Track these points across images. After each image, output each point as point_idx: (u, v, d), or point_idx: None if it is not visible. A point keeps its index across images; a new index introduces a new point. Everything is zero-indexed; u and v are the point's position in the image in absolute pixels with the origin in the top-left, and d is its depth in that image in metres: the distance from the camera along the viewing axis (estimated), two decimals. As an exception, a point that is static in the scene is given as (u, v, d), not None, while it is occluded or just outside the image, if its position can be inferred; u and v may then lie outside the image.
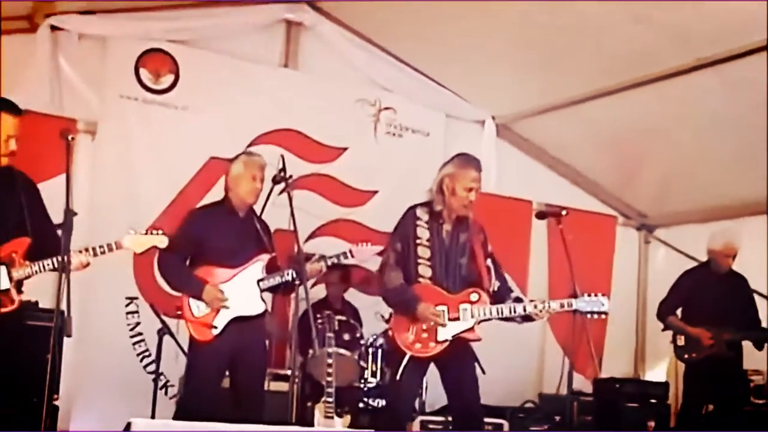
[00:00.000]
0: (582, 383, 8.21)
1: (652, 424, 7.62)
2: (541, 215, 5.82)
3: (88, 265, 4.67)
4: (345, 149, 8.01)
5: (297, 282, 5.33)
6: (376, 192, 8.13)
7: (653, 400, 7.73)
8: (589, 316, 5.16)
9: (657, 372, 8.96)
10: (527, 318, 5.23)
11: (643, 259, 9.62)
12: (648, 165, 8.52)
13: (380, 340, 6.97)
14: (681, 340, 7.16)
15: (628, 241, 9.56)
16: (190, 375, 5.41)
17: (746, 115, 7.07)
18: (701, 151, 7.88)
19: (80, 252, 4.62)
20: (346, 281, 7.60)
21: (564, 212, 5.44)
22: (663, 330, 7.34)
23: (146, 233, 4.88)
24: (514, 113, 8.54)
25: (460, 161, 5.33)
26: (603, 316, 5.19)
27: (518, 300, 5.30)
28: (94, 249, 4.68)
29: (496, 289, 5.33)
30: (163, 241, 4.90)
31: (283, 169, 5.44)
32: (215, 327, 5.31)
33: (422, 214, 5.32)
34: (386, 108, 8.26)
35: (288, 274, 5.40)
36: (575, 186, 9.20)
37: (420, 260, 5.23)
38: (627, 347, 9.41)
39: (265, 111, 7.64)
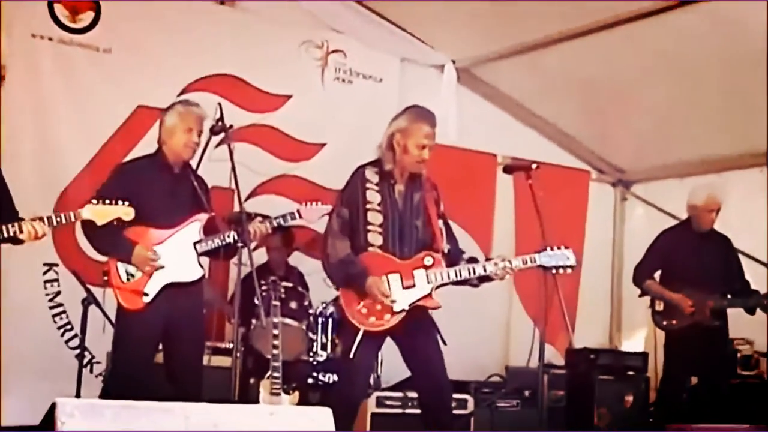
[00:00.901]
0: (552, 355, 8.32)
1: (630, 398, 7.74)
2: (508, 169, 5.82)
3: (43, 236, 4.74)
4: (289, 97, 7.97)
5: (239, 245, 5.29)
6: (323, 145, 8.11)
7: (631, 373, 7.85)
8: (554, 271, 5.19)
9: (635, 342, 9.11)
10: (485, 278, 5.25)
11: (619, 217, 9.78)
12: (623, 116, 8.59)
13: (330, 309, 7.02)
14: (660, 306, 7.22)
15: (603, 199, 9.69)
16: (118, 348, 5.37)
17: (732, 60, 7.13)
18: (681, 100, 7.97)
19: (34, 221, 4.63)
20: (290, 244, 7.58)
21: (534, 166, 5.46)
22: (640, 296, 7.43)
23: (111, 203, 4.91)
24: (476, 57, 8.52)
25: (412, 115, 5.32)
26: (569, 271, 5.23)
27: (473, 260, 5.32)
28: (49, 218, 4.71)
29: (446, 251, 5.34)
30: (129, 213, 4.94)
31: (221, 119, 5.40)
32: (146, 294, 5.28)
33: (371, 175, 5.30)
34: (335, 51, 8.22)
35: (228, 236, 5.37)
36: (544, 138, 9.27)
37: (370, 227, 5.22)
38: (601, 315, 9.57)
39: (199, 54, 7.55)
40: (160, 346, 5.45)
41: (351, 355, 5.12)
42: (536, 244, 5.31)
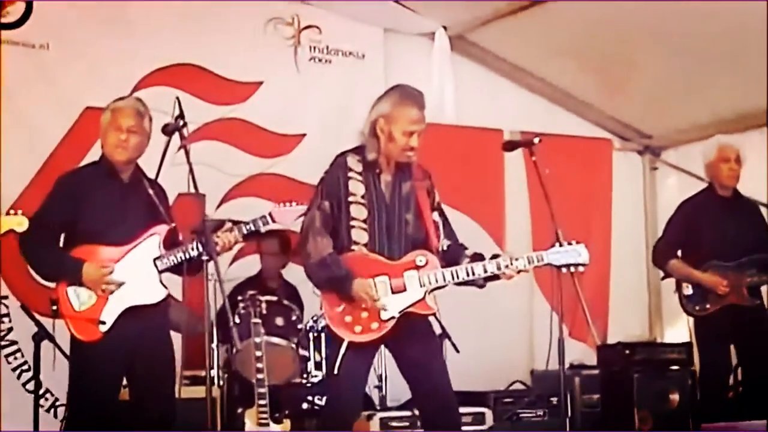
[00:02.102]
0: (583, 353, 8.27)
1: (675, 397, 7.67)
2: (508, 146, 5.81)
3: None
4: (258, 84, 7.97)
5: (205, 258, 5.23)
6: (303, 136, 8.11)
7: (675, 367, 7.78)
8: (564, 270, 5.18)
9: (679, 331, 8.99)
10: (492, 277, 5.20)
11: (649, 190, 9.73)
12: (642, 74, 8.52)
13: (323, 322, 6.90)
14: (687, 289, 7.12)
15: (630, 170, 9.66)
16: (75, 387, 5.31)
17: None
18: (712, 46, 7.84)
19: None
20: (287, 250, 7.56)
21: (537, 140, 5.42)
22: (663, 278, 7.37)
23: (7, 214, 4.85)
24: (470, 20, 8.50)
25: (396, 97, 5.24)
26: (581, 269, 5.22)
27: (478, 257, 5.26)
28: None
29: (445, 248, 5.30)
30: (21, 224, 4.85)
31: (181, 116, 5.37)
32: (103, 322, 5.22)
33: (354, 164, 5.25)
34: (307, 27, 8.20)
35: (192, 249, 5.33)
36: (557, 106, 9.26)
37: (354, 222, 5.18)
38: (638, 303, 9.54)
39: (152, 43, 7.54)
40: (124, 381, 5.40)
41: (335, 370, 5.08)
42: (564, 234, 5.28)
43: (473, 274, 5.15)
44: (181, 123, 5.29)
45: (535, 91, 9.12)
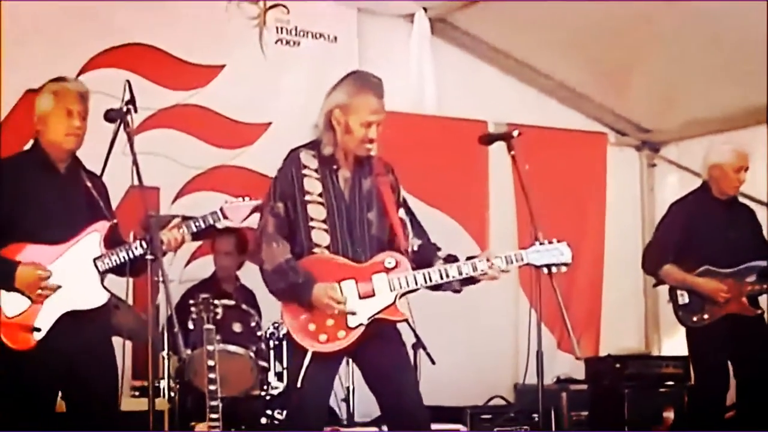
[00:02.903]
0: (573, 366, 8.26)
1: (669, 414, 7.66)
2: (486, 139, 5.78)
3: None
4: (220, 68, 7.98)
5: (150, 258, 5.17)
6: (268, 125, 8.14)
7: (670, 383, 7.77)
8: (545, 270, 5.16)
9: (678, 342, 8.99)
10: (468, 281, 5.19)
11: (647, 189, 9.79)
12: (639, 63, 8.57)
13: (284, 329, 6.85)
14: (683, 297, 7.11)
15: (626, 167, 9.72)
16: (5, 399, 5.24)
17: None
18: (719, 36, 7.87)
19: None
20: (245, 250, 7.57)
21: (516, 132, 5.38)
22: (655, 285, 7.40)
23: None
24: (453, 2, 8.51)
25: (352, 85, 5.24)
26: (563, 269, 5.19)
27: (452, 258, 5.25)
28: None
29: (416, 248, 5.30)
30: None
31: (131, 101, 5.33)
32: (38, 329, 5.16)
33: (308, 160, 5.25)
34: (274, 6, 8.23)
35: (136, 248, 5.28)
36: (547, 96, 9.31)
37: (313, 223, 5.17)
38: (633, 312, 9.58)
39: (100, 20, 7.51)
40: (60, 394, 5.36)
41: (299, 384, 5.06)
42: (544, 233, 5.26)
43: (447, 276, 5.14)
44: (125, 109, 5.25)
45: (524, 80, 9.17)
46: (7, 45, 7.18)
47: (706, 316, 7.01)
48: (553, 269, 5.18)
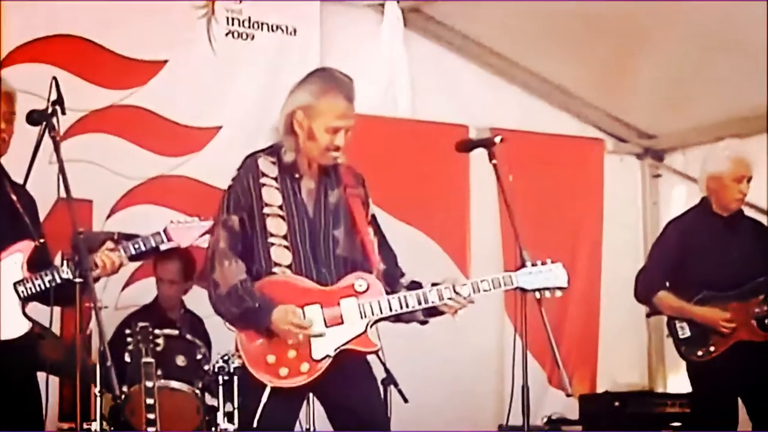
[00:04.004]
0: (566, 405, 8.26)
1: (676, 460, 7.70)
2: (464, 146, 5.81)
3: None
4: (162, 64, 7.98)
5: (79, 282, 5.16)
6: (218, 129, 8.14)
7: (675, 423, 7.78)
8: (538, 295, 5.16)
9: (684, 378, 9.00)
10: (433, 313, 5.21)
11: (650, 202, 9.81)
12: (643, 56, 8.58)
13: (236, 362, 6.86)
14: (684, 330, 7.09)
15: (626, 177, 9.75)
16: None
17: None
18: (733, 29, 7.89)
19: None
20: (191, 275, 7.60)
21: (498, 139, 5.41)
22: (648, 316, 7.45)
23: None
24: (429, -12, 8.56)
25: (318, 84, 5.22)
26: (558, 294, 5.20)
27: (414, 286, 5.26)
28: None
29: (381, 269, 5.29)
30: None
31: (58, 101, 5.32)
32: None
33: (268, 167, 5.24)
34: (225, -7, 8.22)
35: (64, 271, 5.25)
36: (535, 97, 9.34)
37: (273, 239, 5.16)
38: (635, 342, 9.60)
39: (24, 9, 7.47)
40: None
41: (254, 424, 5.04)
42: (533, 254, 5.26)
43: (406, 306, 5.13)
44: (51, 110, 5.24)
45: (509, 79, 9.20)
46: None
47: (711, 349, 6.97)
48: (547, 294, 5.19)
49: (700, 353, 7.03)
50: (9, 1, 7.34)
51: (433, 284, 5.21)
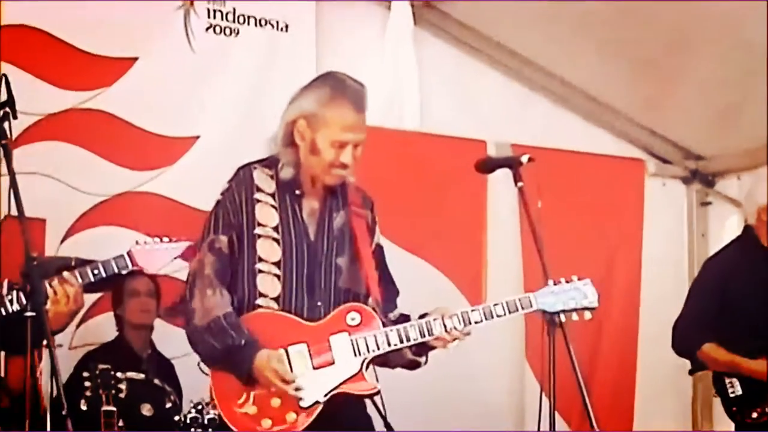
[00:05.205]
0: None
1: None
2: (486, 166, 5.79)
3: None
4: (131, 61, 7.98)
5: (29, 315, 5.08)
6: (195, 138, 8.14)
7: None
8: (563, 317, 5.15)
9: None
10: (421, 352, 5.23)
11: (698, 233, 9.82)
12: (693, 65, 8.55)
13: (211, 413, 6.90)
14: (734, 387, 7.10)
15: (670, 204, 9.76)
16: None
17: None
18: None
19: None
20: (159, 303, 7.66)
21: (526, 158, 5.40)
22: (691, 372, 7.54)
23: None
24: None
25: (326, 90, 5.20)
26: (588, 315, 5.22)
27: (402, 320, 5.29)
28: None
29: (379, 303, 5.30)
30: None
31: (8, 102, 5.28)
32: None
33: (264, 182, 5.23)
34: (205, -17, 8.28)
35: (11, 302, 5.26)
36: (566, 110, 9.34)
37: (261, 265, 5.15)
38: (677, 394, 9.59)
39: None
40: None
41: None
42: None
43: (407, 339, 5.12)
44: (1, 113, 5.19)
45: (535, 88, 9.23)
46: None
47: (768, 410, 7.00)
48: (574, 316, 5.20)
49: (755, 415, 7.07)
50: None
51: (420, 316, 5.21)
